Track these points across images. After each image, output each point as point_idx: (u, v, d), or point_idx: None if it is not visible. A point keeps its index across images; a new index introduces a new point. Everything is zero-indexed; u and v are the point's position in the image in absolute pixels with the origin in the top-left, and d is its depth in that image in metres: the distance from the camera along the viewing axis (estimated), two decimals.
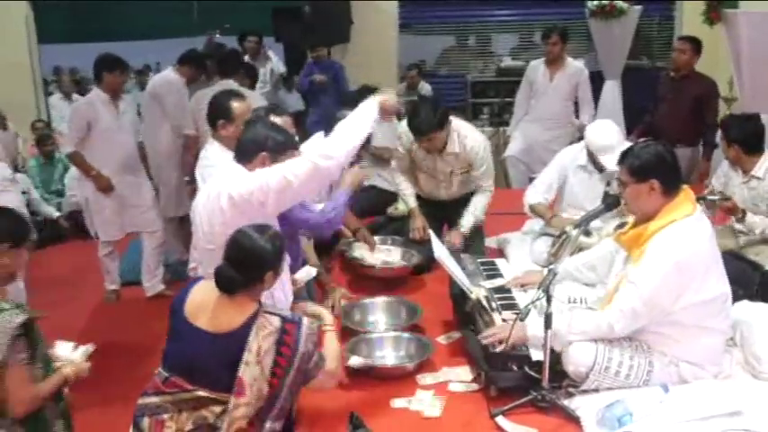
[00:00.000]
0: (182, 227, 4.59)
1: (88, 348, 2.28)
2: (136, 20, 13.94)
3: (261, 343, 2.07)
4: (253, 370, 2.06)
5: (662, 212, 2.51)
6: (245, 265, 2.12)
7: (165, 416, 2.08)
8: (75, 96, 8.06)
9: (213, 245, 2.52)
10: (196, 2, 14.11)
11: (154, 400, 2.11)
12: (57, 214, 5.49)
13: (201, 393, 2.08)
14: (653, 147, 2.59)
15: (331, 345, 2.36)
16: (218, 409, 2.08)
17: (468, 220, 3.91)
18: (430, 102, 3.93)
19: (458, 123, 3.86)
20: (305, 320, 2.16)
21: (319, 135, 3.34)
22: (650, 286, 2.44)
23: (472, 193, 4.00)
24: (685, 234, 2.46)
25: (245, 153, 2.56)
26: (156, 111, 4.72)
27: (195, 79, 4.87)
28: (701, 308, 2.49)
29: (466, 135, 3.84)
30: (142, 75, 11.58)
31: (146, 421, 2.09)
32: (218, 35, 8.31)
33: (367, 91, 5.26)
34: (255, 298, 2.17)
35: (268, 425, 2.11)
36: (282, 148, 2.58)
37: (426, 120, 3.63)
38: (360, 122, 2.63)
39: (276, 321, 2.10)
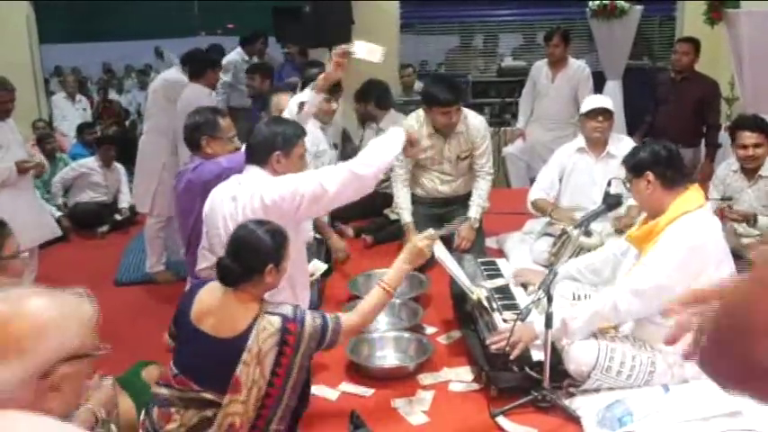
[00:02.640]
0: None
1: None
2: (136, 20, 13.96)
3: (261, 345, 2.08)
4: (251, 371, 2.07)
5: (673, 206, 2.54)
6: (243, 255, 2.13)
7: (173, 409, 2.11)
8: (78, 96, 8.07)
9: None
10: (197, 1, 14.11)
11: (164, 392, 2.15)
12: (58, 214, 5.49)
13: (209, 396, 2.09)
14: (649, 145, 2.70)
15: (367, 299, 2.37)
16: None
17: (475, 211, 3.97)
18: (447, 77, 4.02)
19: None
20: (308, 318, 2.16)
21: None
22: (662, 268, 2.45)
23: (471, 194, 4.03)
24: (699, 223, 2.49)
25: (259, 156, 2.58)
26: (166, 109, 4.72)
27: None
28: None
29: (466, 115, 3.98)
30: (142, 75, 11.58)
31: (155, 411, 2.13)
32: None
33: (372, 85, 5.28)
34: (259, 297, 2.17)
35: (273, 427, 2.13)
36: (293, 141, 2.61)
37: (449, 91, 3.76)
38: (390, 144, 2.66)
39: (277, 322, 2.10)
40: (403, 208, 4.02)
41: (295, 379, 2.15)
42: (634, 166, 2.64)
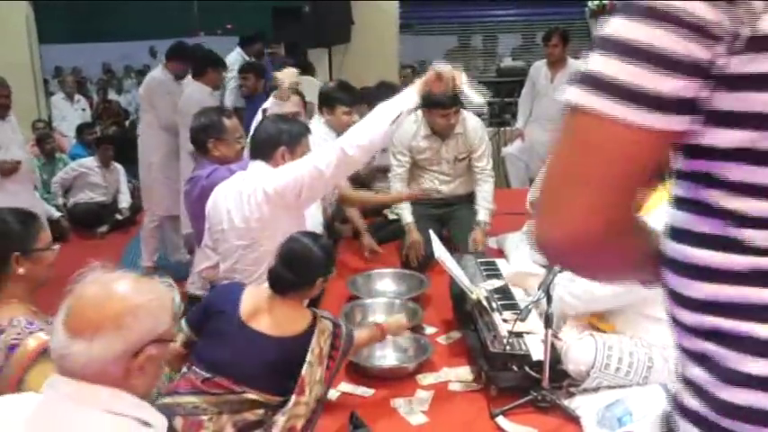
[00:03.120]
0: (177, 226, 4.60)
1: None
2: (135, 20, 13.98)
3: (322, 345, 2.14)
4: (314, 371, 2.11)
5: (645, 206, 2.56)
6: (297, 268, 2.20)
7: (204, 417, 2.02)
8: (77, 97, 8.07)
9: (245, 240, 2.54)
10: (196, 1, 14.11)
11: (191, 399, 2.05)
12: (57, 214, 5.49)
13: (251, 396, 2.06)
14: None
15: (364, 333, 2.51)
16: (261, 411, 2.07)
17: (484, 214, 3.94)
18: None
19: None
20: (342, 323, 2.29)
21: None
22: None
23: (471, 194, 4.02)
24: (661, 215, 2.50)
25: (264, 151, 2.63)
26: (148, 110, 4.73)
27: (184, 75, 4.73)
28: None
29: (465, 117, 3.96)
30: (142, 75, 11.60)
31: (179, 422, 2.03)
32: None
33: (385, 87, 5.27)
34: (304, 302, 2.26)
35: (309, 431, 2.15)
36: (297, 138, 2.68)
37: (449, 94, 3.63)
38: (380, 120, 2.58)
39: (330, 325, 2.21)
40: (403, 208, 3.98)
41: (332, 383, 2.24)
42: None
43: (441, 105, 3.75)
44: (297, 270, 2.20)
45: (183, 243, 4.58)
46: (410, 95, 2.62)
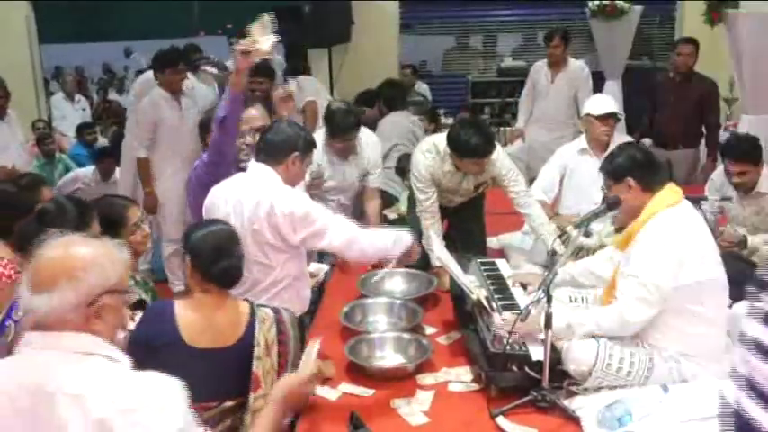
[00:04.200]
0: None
1: None
2: (136, 20, 13.98)
3: (266, 336, 2.14)
4: (265, 363, 2.12)
5: (646, 208, 2.57)
6: (237, 254, 2.24)
7: None
8: (77, 97, 8.06)
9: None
10: (196, 1, 14.13)
11: None
12: None
13: (229, 404, 2.10)
14: (625, 149, 2.72)
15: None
16: (241, 414, 2.12)
17: (556, 243, 3.31)
18: (478, 125, 3.49)
19: None
20: (283, 309, 2.30)
21: None
22: (646, 270, 2.48)
23: (475, 198, 3.97)
24: (669, 220, 2.53)
25: (278, 154, 2.61)
26: (134, 110, 4.72)
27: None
28: (695, 288, 2.50)
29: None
30: (141, 75, 11.60)
31: None
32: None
33: (389, 87, 5.24)
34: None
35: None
36: (310, 148, 2.69)
37: (485, 141, 3.37)
38: (392, 245, 2.76)
39: (270, 311, 2.21)
40: (434, 249, 3.36)
41: (292, 364, 2.21)
42: (613, 173, 2.66)
43: (477, 155, 3.40)
44: (234, 252, 2.20)
45: None
46: (407, 239, 2.79)
